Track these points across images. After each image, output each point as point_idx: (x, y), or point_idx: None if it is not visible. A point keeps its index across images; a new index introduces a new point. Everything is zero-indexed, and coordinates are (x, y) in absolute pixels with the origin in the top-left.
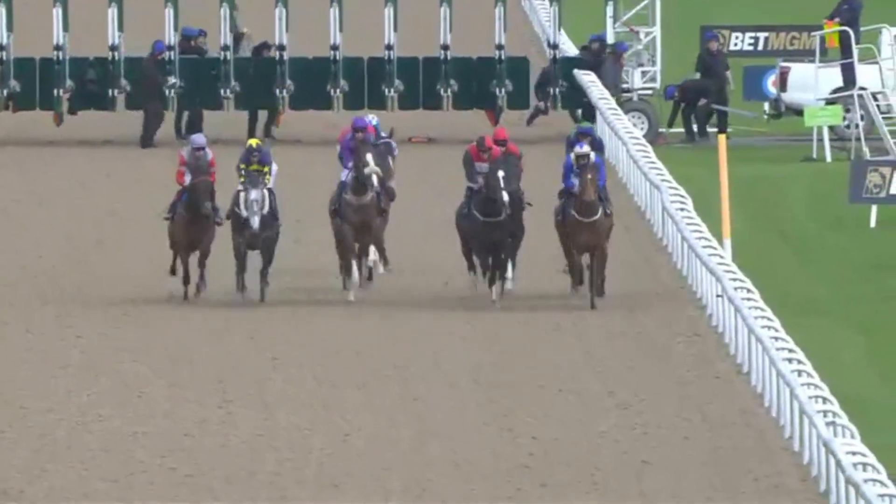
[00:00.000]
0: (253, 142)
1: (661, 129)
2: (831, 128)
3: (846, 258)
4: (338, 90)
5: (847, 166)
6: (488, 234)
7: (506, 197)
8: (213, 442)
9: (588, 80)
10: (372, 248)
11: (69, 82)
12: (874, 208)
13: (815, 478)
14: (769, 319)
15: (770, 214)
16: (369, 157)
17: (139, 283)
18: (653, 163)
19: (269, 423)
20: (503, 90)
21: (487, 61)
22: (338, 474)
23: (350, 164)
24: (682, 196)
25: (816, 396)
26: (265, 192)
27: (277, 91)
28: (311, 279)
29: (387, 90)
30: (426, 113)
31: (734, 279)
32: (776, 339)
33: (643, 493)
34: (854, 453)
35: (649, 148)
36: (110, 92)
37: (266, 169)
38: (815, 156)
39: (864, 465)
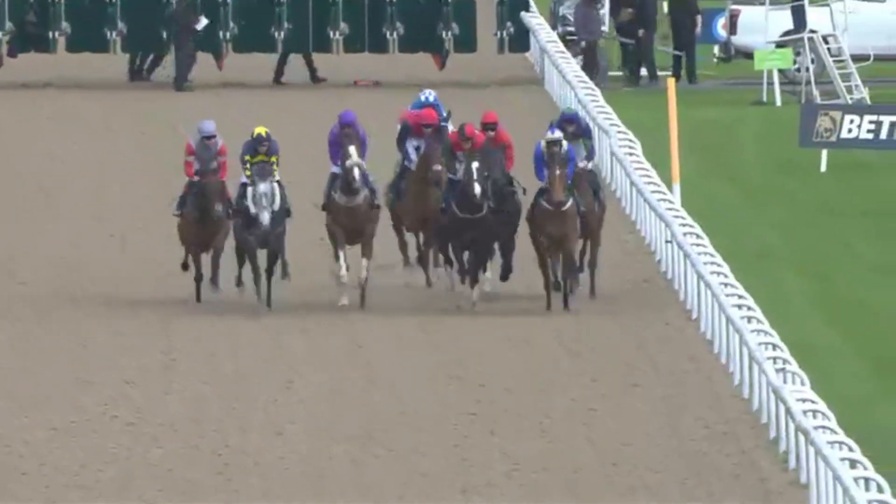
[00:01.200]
0: (260, 130)
1: (612, 73)
2: (781, 71)
3: (796, 203)
4: (282, 32)
5: (797, 110)
6: (466, 232)
7: (477, 189)
8: (156, 390)
9: (535, 21)
10: (363, 263)
11: (9, 24)
12: (824, 153)
13: (765, 425)
14: (718, 265)
15: (720, 159)
16: (352, 149)
17: (81, 230)
18: (601, 107)
19: (213, 372)
20: (450, 33)
21: (434, 3)
22: (282, 422)
23: (339, 161)
24: (631, 140)
25: (766, 343)
26: (274, 185)
27: (221, 33)
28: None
29: (332, 33)
30: (372, 56)
31: (683, 224)
32: (726, 285)
33: (591, 440)
34: (804, 400)
35: (597, 92)
36: (51, 34)
37: (274, 159)
38: (764, 99)
39: (814, 412)
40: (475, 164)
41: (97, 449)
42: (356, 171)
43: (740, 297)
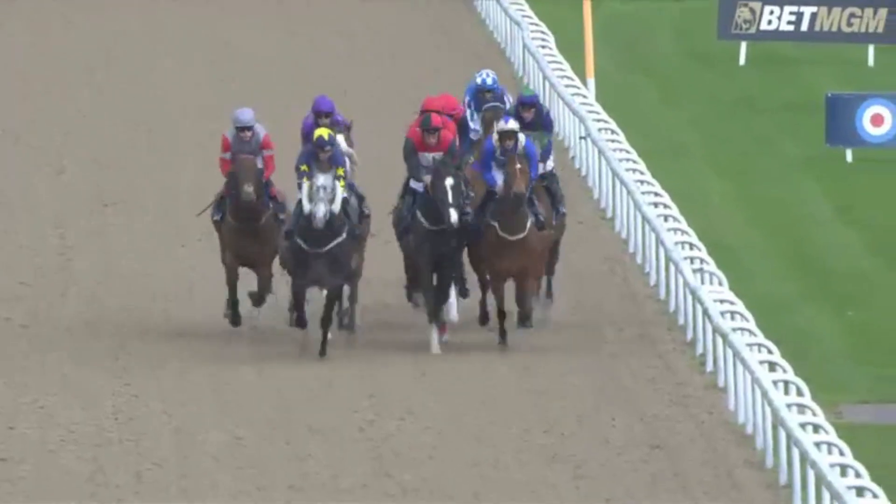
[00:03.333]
0: (322, 132)
1: None
2: None
3: (714, 97)
4: None
5: (716, 2)
6: (436, 246)
7: (453, 217)
8: (52, 292)
9: None
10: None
11: None
12: (743, 45)
13: (682, 327)
14: (634, 162)
15: (636, 52)
16: (340, 138)
17: None
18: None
19: (108, 268)
20: None
21: None
22: (183, 324)
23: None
24: (544, 33)
25: (683, 242)
26: (336, 181)
27: None
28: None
29: None
30: None
31: (598, 120)
32: (641, 182)
33: (502, 352)
34: (722, 301)
35: None
36: None
37: (340, 171)
38: None
39: (733, 313)
40: (449, 182)
41: None
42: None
43: (656, 194)
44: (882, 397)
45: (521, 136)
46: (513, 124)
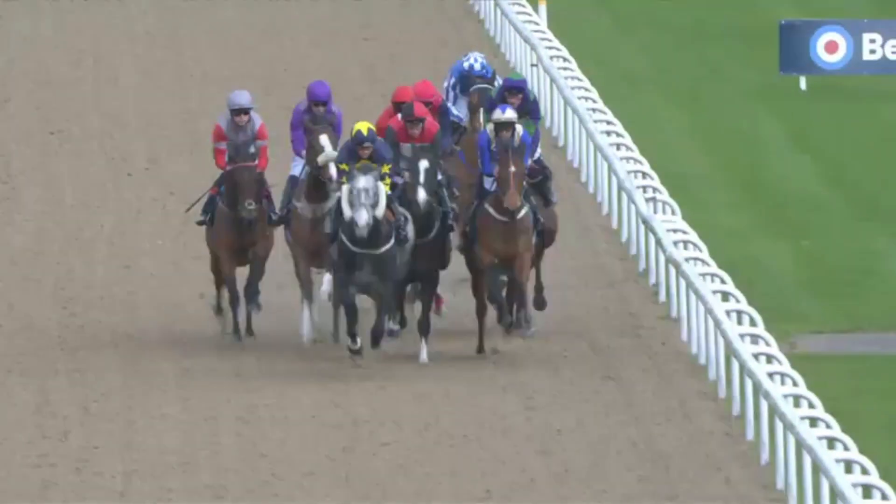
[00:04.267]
0: (361, 126)
1: None
2: None
3: (667, 25)
4: None
5: None
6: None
7: (421, 195)
8: None
9: None
10: (326, 278)
11: None
12: None
13: (635, 256)
14: (587, 90)
15: None
16: (325, 138)
17: None
18: None
19: (53, 197)
20: None
21: None
22: (130, 254)
23: (304, 152)
24: None
25: (636, 171)
26: (379, 183)
27: None
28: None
29: None
30: None
31: (550, 47)
32: (594, 110)
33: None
34: (675, 230)
35: None
36: None
37: (386, 169)
38: None
39: (685, 242)
40: (424, 164)
41: None
42: (331, 169)
43: (609, 122)
44: (835, 327)
45: (519, 128)
46: (510, 114)
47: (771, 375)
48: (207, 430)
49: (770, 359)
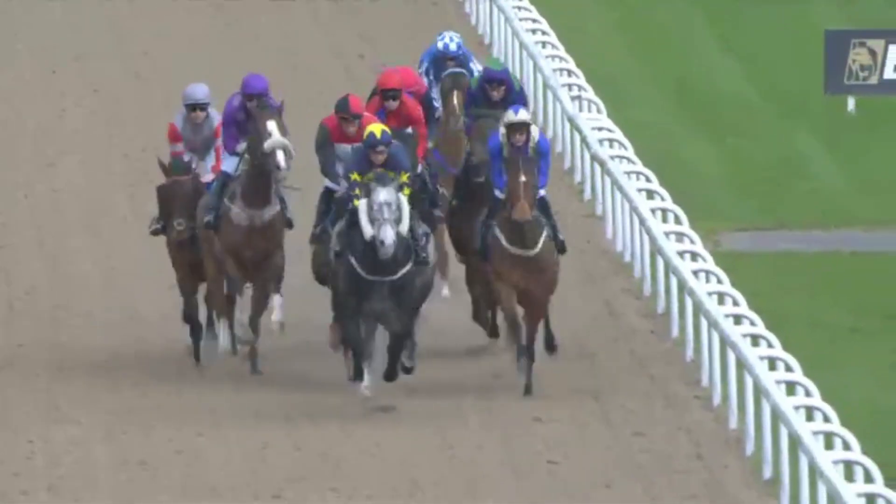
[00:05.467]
0: (374, 128)
1: None
2: None
3: None
4: None
5: None
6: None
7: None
8: None
9: None
10: (277, 300)
11: None
12: None
13: (560, 154)
14: None
15: None
16: (272, 125)
17: None
18: None
19: None
20: None
21: None
22: (53, 153)
23: (240, 147)
24: None
25: (561, 69)
26: (401, 196)
27: None
28: None
29: None
30: None
31: None
32: (518, 8)
33: None
34: (600, 129)
35: None
36: None
37: (404, 177)
38: None
39: (611, 140)
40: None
41: None
42: (279, 156)
43: (534, 21)
44: (759, 225)
45: (535, 130)
46: (523, 115)
47: (695, 273)
48: (131, 326)
49: (694, 256)
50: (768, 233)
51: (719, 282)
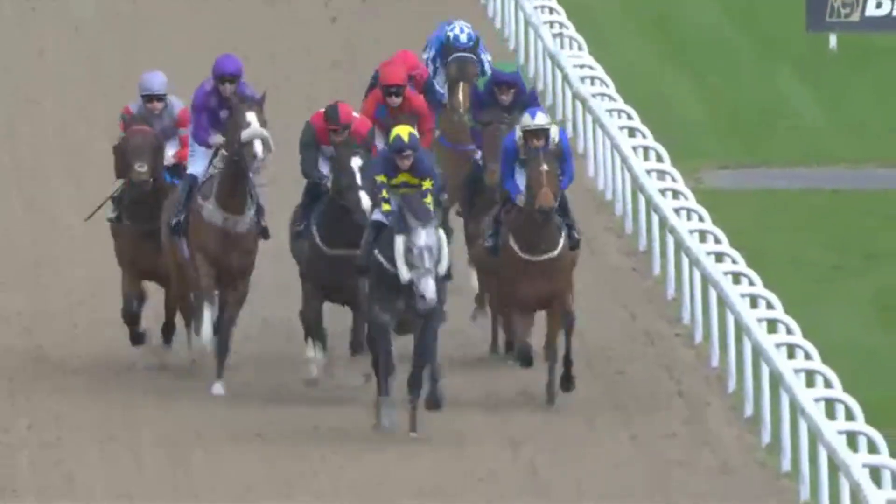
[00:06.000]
0: (401, 131)
1: None
2: None
3: None
4: None
5: None
6: (344, 277)
7: (364, 201)
8: None
9: None
10: (206, 316)
11: None
12: None
13: (542, 92)
14: None
15: None
16: (252, 115)
17: None
18: None
19: None
20: None
21: None
22: (34, 92)
23: (213, 140)
24: None
25: (542, 6)
26: (441, 233)
27: None
28: None
29: None
30: None
31: None
32: None
33: None
34: (581, 66)
35: None
36: None
37: (428, 184)
38: None
39: (592, 78)
40: (357, 162)
41: None
42: (256, 146)
43: None
44: (742, 163)
45: (554, 131)
46: (541, 119)
47: (677, 211)
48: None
49: (676, 194)
50: (750, 171)
51: (701, 220)
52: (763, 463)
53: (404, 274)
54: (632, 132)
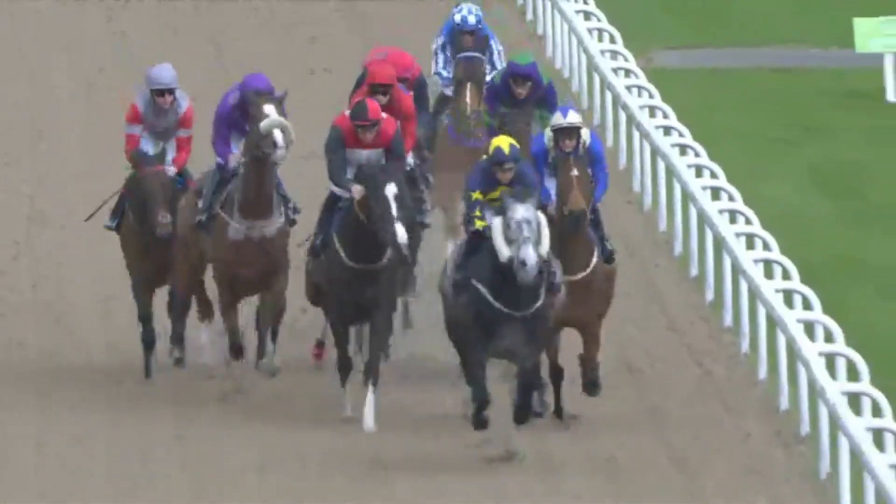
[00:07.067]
0: (501, 142)
1: None
2: None
3: None
4: None
5: None
6: (360, 290)
7: (401, 235)
8: None
9: None
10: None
11: None
12: None
13: (522, 7)
14: None
15: None
16: (270, 108)
17: None
18: None
19: None
20: None
21: None
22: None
23: (232, 162)
24: None
25: None
26: (539, 213)
27: None
28: None
29: None
30: None
31: None
32: None
33: None
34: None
35: None
36: None
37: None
38: None
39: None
40: (391, 189)
41: None
42: (276, 135)
43: None
44: (689, 42)
45: (585, 132)
46: (573, 117)
47: (629, 88)
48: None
49: (628, 73)
50: (697, 49)
51: (650, 96)
52: (707, 319)
53: (503, 251)
54: (587, 15)
